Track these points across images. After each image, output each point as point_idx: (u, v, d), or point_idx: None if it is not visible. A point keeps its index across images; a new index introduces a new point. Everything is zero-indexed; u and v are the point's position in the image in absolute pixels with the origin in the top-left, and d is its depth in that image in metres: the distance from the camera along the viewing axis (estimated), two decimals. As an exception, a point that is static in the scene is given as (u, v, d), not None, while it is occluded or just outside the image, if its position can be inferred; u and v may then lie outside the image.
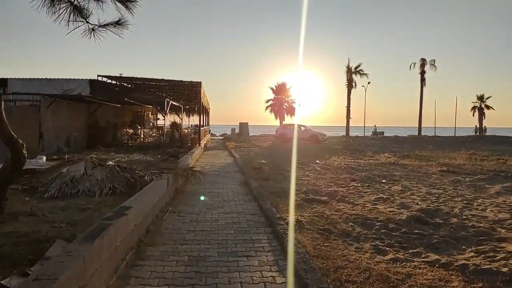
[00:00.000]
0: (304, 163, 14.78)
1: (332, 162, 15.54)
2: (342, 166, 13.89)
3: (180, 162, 9.68)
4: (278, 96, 43.32)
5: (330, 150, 23.15)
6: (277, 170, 12.23)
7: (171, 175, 6.96)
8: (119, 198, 5.92)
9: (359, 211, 6.01)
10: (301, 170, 12.51)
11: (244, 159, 16.12)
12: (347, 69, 43.81)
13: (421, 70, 44.57)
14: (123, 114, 25.55)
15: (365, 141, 33.71)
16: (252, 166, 12.60)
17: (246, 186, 9.09)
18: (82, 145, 19.03)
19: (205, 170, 12.15)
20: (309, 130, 30.97)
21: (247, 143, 28.85)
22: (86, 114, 19.71)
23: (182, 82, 19.95)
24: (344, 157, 18.10)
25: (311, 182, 9.69)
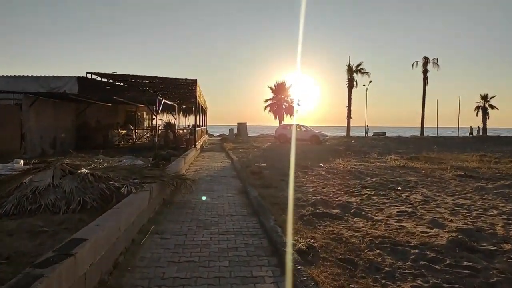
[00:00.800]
0: (307, 166, 13.69)
1: (337, 165, 14.44)
2: (349, 170, 12.79)
3: (170, 167, 8.55)
4: (278, 96, 42.24)
5: (333, 151, 22.07)
6: (279, 175, 11.14)
7: (155, 185, 5.84)
8: (88, 216, 4.81)
9: (383, 231, 4.91)
10: (305, 175, 11.42)
11: (242, 161, 15.02)
12: (348, 67, 42.79)
13: (423, 69, 43.58)
14: (115, 114, 24.42)
15: (367, 142, 32.65)
16: (251, 170, 11.49)
17: (245, 195, 7.97)
18: (70, 146, 17.88)
19: (199, 175, 11.03)
20: (309, 131, 29.91)
21: (245, 144, 27.74)
22: (74, 114, 18.58)
23: (177, 80, 18.79)
24: (349, 160, 17.01)
25: (318, 190, 8.58)
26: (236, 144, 27.64)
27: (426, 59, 43.52)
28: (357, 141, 34.12)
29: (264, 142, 30.97)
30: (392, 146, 27.58)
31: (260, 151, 21.98)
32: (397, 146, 27.76)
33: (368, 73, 42.41)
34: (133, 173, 6.36)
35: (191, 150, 15.66)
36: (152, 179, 6.11)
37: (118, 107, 24.65)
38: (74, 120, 18.47)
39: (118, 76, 18.75)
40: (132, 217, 4.54)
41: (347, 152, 21.38)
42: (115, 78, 19.53)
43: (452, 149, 25.63)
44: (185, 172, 11.38)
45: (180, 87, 21.97)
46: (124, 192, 5.17)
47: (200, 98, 22.04)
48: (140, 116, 28.33)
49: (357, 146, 27.58)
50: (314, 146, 26.03)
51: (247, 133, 39.61)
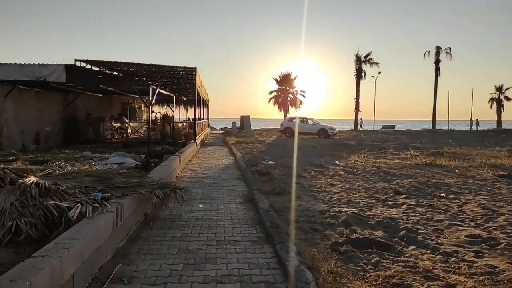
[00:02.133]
0: (321, 164, 11.97)
1: (354, 163, 12.71)
2: (370, 169, 11.05)
3: (158, 170, 6.83)
4: (282, 87, 40.38)
5: (344, 146, 20.30)
6: (290, 175, 9.42)
7: (128, 201, 4.13)
8: (15, 253, 3.13)
9: (470, 279, 3.18)
10: (321, 176, 9.70)
11: (247, 158, 13.31)
12: (356, 58, 40.81)
13: (436, 59, 41.52)
14: (109, 106, 22.73)
15: (377, 136, 30.80)
16: (257, 170, 9.78)
17: (252, 205, 6.26)
18: (56, 142, 16.27)
19: (197, 177, 9.33)
20: (317, 124, 28.12)
21: (249, 138, 26.01)
22: (61, 106, 16.90)
23: (175, 68, 17.02)
24: (365, 156, 15.26)
25: (343, 198, 6.86)
26: (239, 138, 25.92)
27: (439, 49, 41.43)
28: (367, 135, 32.30)
29: (268, 136, 29.23)
30: (406, 140, 25.75)
31: (265, 146, 20.26)
32: (411, 140, 25.93)
33: (377, 64, 40.46)
34: (101, 181, 4.64)
35: (190, 146, 13.96)
36: (125, 190, 4.39)
37: (113, 98, 22.97)
38: (61, 112, 16.80)
39: (109, 64, 16.98)
40: (79, 258, 2.85)
41: (360, 147, 19.63)
42: (105, 66, 17.78)
43: (469, 143, 23.85)
44: (180, 172, 9.69)
45: (179, 77, 20.23)
46: (72, 217, 3.46)
47: (200, 88, 20.27)
48: (138, 108, 26.65)
49: (368, 140, 25.79)
50: (323, 141, 24.28)
51: (251, 126, 37.87)
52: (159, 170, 6.83)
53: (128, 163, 10.49)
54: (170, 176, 7.41)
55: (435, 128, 41.62)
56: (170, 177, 7.40)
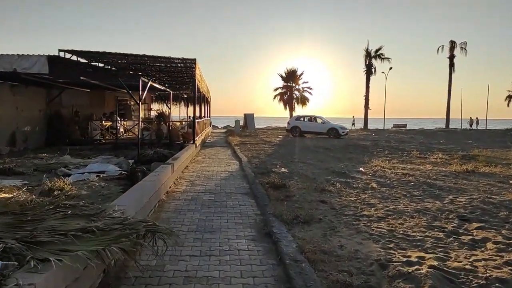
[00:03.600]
0: (344, 172, 10.00)
1: (381, 170, 10.74)
2: (405, 179, 9.08)
3: (131, 193, 4.83)
4: (288, 84, 38.33)
5: (360, 148, 18.32)
6: (312, 189, 7.48)
7: (47, 278, 2.17)
8: None
9: None
10: (350, 189, 7.73)
11: (254, 164, 11.34)
12: (365, 52, 38.69)
13: (450, 54, 39.34)
14: (101, 103, 20.78)
15: (390, 135, 28.72)
16: (269, 182, 7.80)
17: (271, 245, 4.29)
18: (37, 143, 14.36)
19: (194, 191, 7.35)
20: (327, 123, 26.12)
21: (253, 138, 24.06)
22: (44, 102, 14.98)
23: (171, 59, 15.07)
24: (388, 160, 13.27)
25: (396, 230, 4.88)
26: (243, 137, 23.97)
27: (453, 43, 39.26)
28: (379, 134, 30.26)
29: (274, 136, 27.25)
30: (423, 141, 23.71)
31: (273, 147, 18.29)
32: (429, 141, 23.88)
33: (388, 59, 38.32)
34: (20, 225, 2.68)
35: (188, 148, 12.01)
36: (54, 247, 2.43)
37: (106, 94, 21.05)
38: (44, 109, 14.89)
39: (96, 55, 15.01)
40: None
41: (378, 149, 17.63)
42: (93, 58, 15.82)
43: (492, 144, 21.84)
44: (173, 184, 7.72)
45: (177, 71, 18.26)
46: None
47: (201, 83, 18.30)
48: (134, 105, 24.65)
49: (382, 140, 23.76)
50: (334, 141, 22.30)
51: (255, 125, 35.91)
52: (136, 191, 4.84)
53: (110, 172, 8.57)
54: (152, 199, 5.45)
55: (449, 127, 39.51)
56: (152, 200, 5.44)
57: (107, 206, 3.73)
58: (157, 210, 5.66)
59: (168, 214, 5.52)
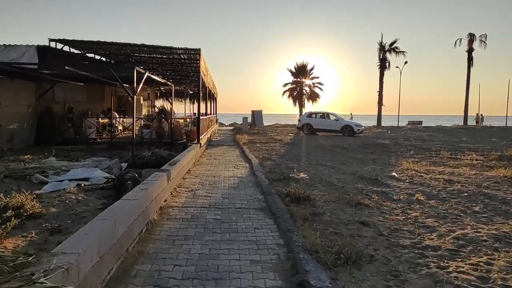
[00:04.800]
0: (375, 177, 8.40)
1: (416, 175, 9.14)
2: (449, 187, 7.47)
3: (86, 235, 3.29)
4: (298, 79, 36.64)
5: (380, 147, 16.68)
6: (342, 203, 5.92)
7: None
8: None
9: None
10: (391, 202, 6.15)
11: (267, 167, 9.79)
12: (379, 46, 36.79)
13: (468, 48, 37.26)
14: (100, 98, 19.37)
15: (407, 133, 26.92)
16: (289, 193, 6.23)
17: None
18: (25, 142, 12.96)
19: (195, 205, 5.83)
20: (341, 120, 24.45)
21: (263, 136, 22.49)
22: (33, 97, 13.56)
23: (173, 49, 13.60)
24: (418, 162, 11.65)
25: (487, 273, 3.32)
26: (252, 136, 22.42)
27: (472, 36, 37.16)
28: (395, 132, 28.47)
29: (284, 133, 25.63)
30: (445, 139, 21.91)
31: (284, 146, 16.72)
32: (450, 139, 22.07)
33: (404, 52, 36.34)
34: None
35: (191, 149, 10.51)
36: None
37: (105, 89, 19.64)
38: (33, 105, 13.47)
39: (90, 45, 13.60)
40: None
41: (401, 149, 15.98)
42: (87, 48, 14.42)
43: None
44: (170, 196, 6.20)
45: (180, 63, 16.79)
46: None
47: (206, 77, 16.79)
48: (136, 101, 23.20)
49: (400, 138, 22.01)
50: (350, 139, 20.65)
51: (263, 122, 34.33)
52: (108, 217, 3.28)
53: (95, 179, 7.07)
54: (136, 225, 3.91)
55: (467, 124, 37.53)
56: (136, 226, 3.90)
57: (43, 258, 2.22)
58: (143, 238, 4.15)
59: (157, 244, 3.99)
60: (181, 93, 31.01)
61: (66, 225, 4.38)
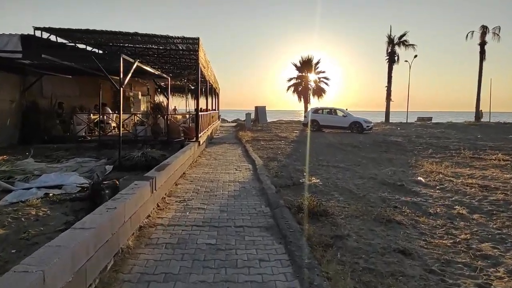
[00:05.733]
0: (400, 183, 7.21)
1: (443, 177, 7.97)
2: (490, 195, 6.29)
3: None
4: (303, 74, 35.34)
5: (393, 145, 15.46)
6: (371, 219, 4.75)
7: None
8: None
9: None
10: (425, 215, 4.98)
11: (272, 169, 8.62)
12: (388, 39, 35.37)
13: (481, 41, 35.76)
14: (94, 93, 18.17)
15: (419, 130, 25.62)
16: (301, 205, 5.07)
17: None
18: (8, 140, 11.87)
19: (186, 223, 4.66)
20: (349, 116, 23.22)
21: (267, 133, 21.32)
22: (17, 91, 12.46)
23: (169, 38, 12.40)
24: (439, 162, 10.46)
25: None
26: (255, 133, 21.25)
27: (484, 29, 35.64)
28: (405, 129, 27.17)
29: (289, 130, 24.44)
30: (460, 136, 20.59)
31: (291, 144, 15.56)
32: (464, 136, 20.71)
33: (413, 46, 34.91)
34: None
35: (187, 149, 9.37)
36: None
37: (100, 84, 18.47)
38: (17, 100, 12.38)
39: (78, 33, 12.41)
40: None
41: (416, 147, 14.76)
42: (75, 37, 13.23)
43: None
44: (155, 209, 5.06)
45: (178, 54, 15.58)
46: None
47: (206, 70, 15.61)
48: (134, 96, 22.09)
49: (412, 135, 20.73)
50: (359, 137, 19.43)
51: (267, 118, 33.09)
52: (45, 257, 2.15)
53: (69, 187, 5.94)
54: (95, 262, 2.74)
55: (479, 120, 36.11)
56: (94, 264, 2.73)
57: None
58: (106, 280, 2.99)
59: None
60: (182, 88, 29.84)
61: (6, 257, 3.25)
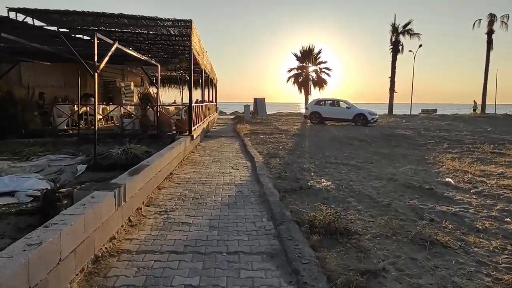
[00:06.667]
0: (428, 186, 6.05)
1: (472, 178, 6.83)
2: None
3: None
4: (304, 64, 34.01)
5: (403, 139, 14.30)
6: (407, 241, 3.59)
7: None
8: None
9: None
10: (472, 233, 3.83)
11: (274, 168, 7.46)
12: (392, 28, 34.00)
13: (488, 29, 34.42)
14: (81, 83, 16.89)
15: (425, 123, 24.43)
16: (313, 219, 3.92)
17: None
18: (-21, 134, 10.66)
19: (161, 248, 3.47)
20: (353, 108, 22.02)
21: (266, 126, 20.11)
22: (-11, 79, 11.21)
23: (158, 21, 11.15)
24: (461, 159, 9.33)
25: None
26: (254, 125, 20.05)
27: (492, 17, 34.29)
28: (410, 121, 25.98)
29: (290, 123, 23.22)
30: (469, 129, 19.40)
31: (292, 138, 14.38)
32: (473, 128, 19.56)
33: (418, 35, 33.52)
34: None
35: (177, 144, 8.19)
36: None
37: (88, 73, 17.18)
38: (-10, 89, 11.14)
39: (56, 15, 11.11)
40: None
41: (428, 141, 13.60)
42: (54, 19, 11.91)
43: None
44: (124, 226, 3.90)
45: (171, 41, 14.30)
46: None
47: (201, 57, 14.36)
48: (126, 87, 20.79)
49: (419, 128, 19.56)
50: (365, 130, 18.28)
51: (266, 110, 31.86)
52: None
53: (22, 194, 4.76)
54: None
55: (485, 112, 34.95)
56: None
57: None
58: None
59: None
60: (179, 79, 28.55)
61: None
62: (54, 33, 9.16)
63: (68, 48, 6.81)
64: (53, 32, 9.46)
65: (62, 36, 7.17)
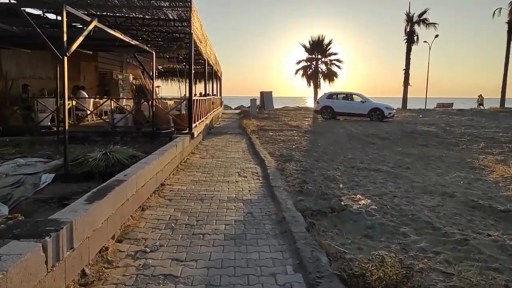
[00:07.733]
0: (494, 205, 4.57)
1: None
2: None
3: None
4: (313, 56, 32.34)
5: (430, 137, 12.74)
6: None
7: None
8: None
9: None
10: None
11: (290, 177, 5.98)
12: (407, 17, 32.15)
13: (509, 18, 32.41)
14: (74, 75, 15.49)
15: (443, 118, 22.73)
16: (373, 274, 2.48)
17: None
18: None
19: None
20: (368, 102, 20.43)
21: (275, 122, 18.62)
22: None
23: (153, 2, 9.69)
24: (503, 160, 7.82)
25: None
26: (261, 121, 18.56)
27: (514, 5, 32.24)
28: (428, 116, 24.30)
29: (299, 118, 21.66)
30: (494, 124, 17.72)
31: (305, 135, 12.89)
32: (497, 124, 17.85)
33: (434, 24, 31.62)
34: None
35: (170, 147, 6.75)
36: None
37: (81, 64, 15.86)
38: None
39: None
40: None
41: (460, 140, 12.04)
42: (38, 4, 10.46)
43: None
44: (75, 282, 2.50)
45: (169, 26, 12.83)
46: None
47: (203, 45, 12.87)
48: (123, 80, 19.36)
49: (440, 124, 17.93)
50: (381, 125, 16.77)
51: (273, 104, 30.33)
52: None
53: None
54: None
55: (504, 106, 33.07)
56: None
57: None
58: None
59: None
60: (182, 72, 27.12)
61: None
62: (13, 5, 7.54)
63: (32, 27, 5.34)
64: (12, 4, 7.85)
65: (24, 13, 5.64)
